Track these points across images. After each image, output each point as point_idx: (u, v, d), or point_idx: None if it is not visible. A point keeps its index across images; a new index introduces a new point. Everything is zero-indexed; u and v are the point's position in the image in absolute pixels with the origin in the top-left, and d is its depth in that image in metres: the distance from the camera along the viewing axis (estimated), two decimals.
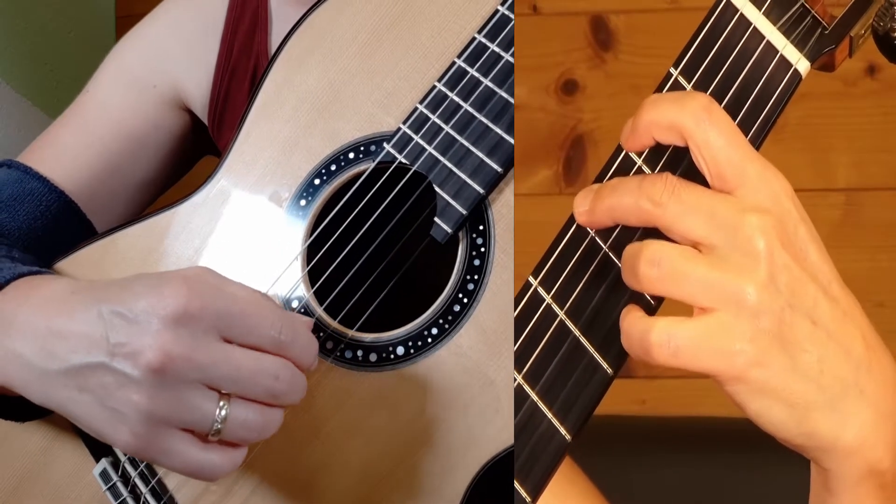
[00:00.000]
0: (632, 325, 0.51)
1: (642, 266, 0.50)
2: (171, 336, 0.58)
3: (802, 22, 0.54)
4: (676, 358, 0.49)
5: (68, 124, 0.95)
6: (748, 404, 0.50)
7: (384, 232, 0.73)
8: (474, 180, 0.69)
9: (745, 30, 0.55)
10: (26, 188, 0.89)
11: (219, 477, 0.62)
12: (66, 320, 0.62)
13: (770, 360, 0.49)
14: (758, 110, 0.54)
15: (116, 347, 0.59)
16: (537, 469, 0.53)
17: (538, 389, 0.54)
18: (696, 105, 0.51)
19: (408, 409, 0.69)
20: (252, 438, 0.62)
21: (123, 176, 0.94)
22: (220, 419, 0.60)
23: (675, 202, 0.50)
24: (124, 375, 0.59)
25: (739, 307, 0.49)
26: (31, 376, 0.63)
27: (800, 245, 0.50)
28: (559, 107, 1.66)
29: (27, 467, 0.76)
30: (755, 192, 0.50)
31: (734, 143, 0.50)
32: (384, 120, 0.74)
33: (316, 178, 0.74)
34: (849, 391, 0.51)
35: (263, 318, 0.61)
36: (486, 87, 0.71)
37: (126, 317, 0.60)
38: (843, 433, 0.51)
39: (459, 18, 0.73)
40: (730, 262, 0.49)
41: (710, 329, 0.49)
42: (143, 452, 0.61)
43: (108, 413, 0.60)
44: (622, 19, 1.65)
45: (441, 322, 0.69)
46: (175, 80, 0.96)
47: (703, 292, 0.49)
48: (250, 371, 0.60)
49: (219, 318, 0.60)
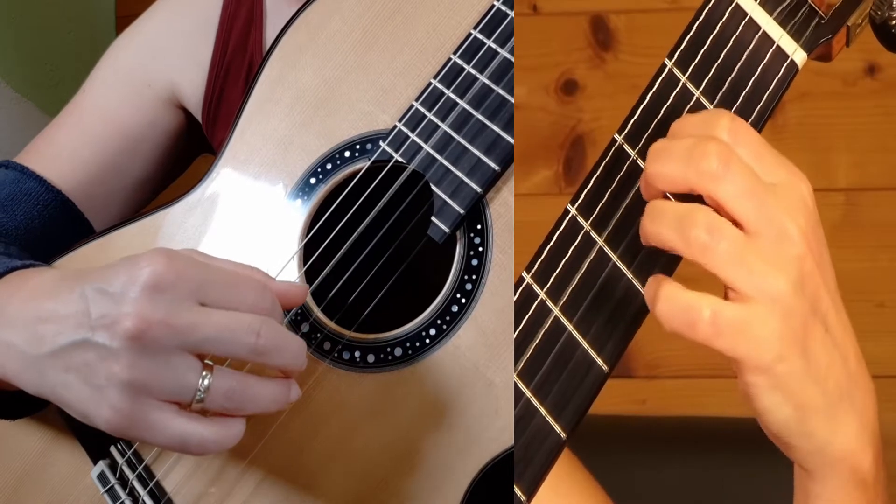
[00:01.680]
0: (673, 296, 0.50)
1: (697, 231, 0.49)
2: (148, 303, 0.58)
3: (799, 12, 0.54)
4: (718, 337, 0.49)
5: (65, 124, 0.95)
6: (760, 397, 0.51)
7: (381, 231, 0.72)
8: (472, 179, 0.69)
9: (740, 20, 0.54)
10: (23, 188, 0.89)
11: (209, 451, 0.61)
12: (52, 304, 0.62)
13: (793, 359, 0.50)
14: (754, 101, 0.54)
15: (97, 321, 0.59)
16: (532, 467, 0.53)
17: (532, 387, 0.54)
18: (722, 127, 0.51)
19: (406, 410, 0.69)
20: (237, 409, 0.61)
21: (120, 175, 0.95)
22: (203, 388, 0.59)
23: (730, 181, 0.49)
24: (104, 348, 0.59)
25: (775, 303, 0.49)
26: (23, 365, 0.63)
27: (820, 251, 0.52)
28: (559, 107, 1.66)
29: (25, 469, 0.76)
30: (788, 194, 0.51)
31: (761, 151, 0.51)
32: (380, 117, 0.73)
33: (312, 176, 0.74)
34: (843, 399, 0.53)
35: (242, 285, 0.61)
36: (483, 83, 0.70)
37: (106, 291, 0.60)
38: (833, 438, 0.53)
39: (455, 14, 0.73)
40: (770, 256, 0.50)
41: (752, 318, 0.49)
42: (126, 430, 0.60)
43: (91, 391, 0.60)
44: (622, 19, 1.65)
45: (439, 322, 0.69)
46: (170, 79, 0.96)
47: (748, 280, 0.49)
48: (229, 328, 0.59)
49: (197, 286, 0.60)
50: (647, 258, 0.54)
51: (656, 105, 0.55)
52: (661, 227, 0.51)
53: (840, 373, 0.52)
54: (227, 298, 0.60)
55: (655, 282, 0.51)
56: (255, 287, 0.62)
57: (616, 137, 0.55)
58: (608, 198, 0.55)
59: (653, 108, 0.55)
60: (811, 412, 0.52)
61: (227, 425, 0.61)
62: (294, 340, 0.62)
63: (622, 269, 0.54)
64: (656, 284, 0.51)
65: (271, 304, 0.62)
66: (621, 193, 0.55)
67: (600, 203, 0.55)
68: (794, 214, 0.50)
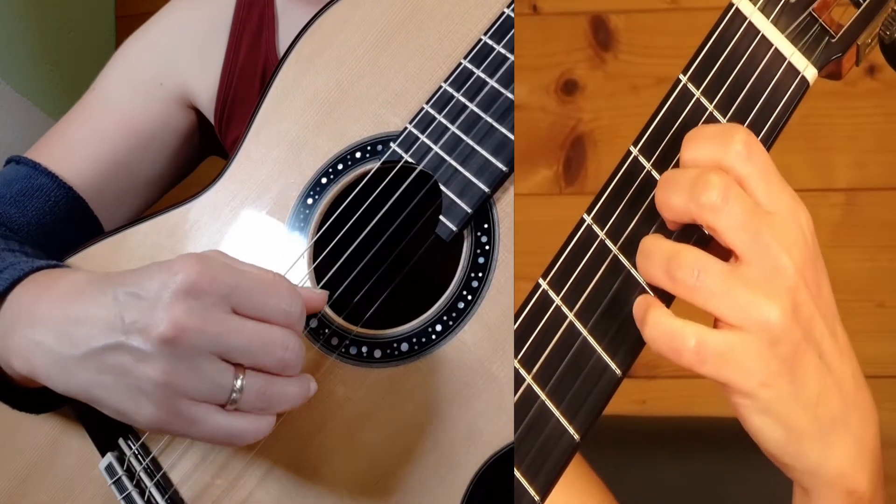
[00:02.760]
0: (660, 322, 0.52)
1: (682, 272, 0.51)
2: (183, 308, 0.59)
3: (810, 30, 0.55)
4: (702, 364, 0.51)
5: (76, 121, 0.95)
6: (749, 418, 0.53)
7: (390, 230, 0.73)
8: (479, 179, 0.70)
9: (753, 37, 0.55)
10: (35, 184, 0.89)
11: (248, 442, 0.63)
12: (83, 307, 0.63)
13: (779, 385, 0.51)
14: (765, 117, 0.55)
15: (130, 325, 0.60)
16: (546, 468, 0.54)
17: (547, 390, 0.55)
18: (738, 141, 0.52)
19: (412, 404, 0.69)
20: (268, 409, 0.63)
21: (130, 172, 0.95)
22: (237, 389, 0.61)
23: (728, 214, 0.51)
24: (139, 352, 0.60)
25: (763, 331, 0.51)
26: (53, 364, 0.64)
27: (817, 281, 0.53)
28: (559, 107, 1.66)
29: (35, 460, 0.77)
30: (786, 224, 0.52)
31: (770, 173, 0.52)
32: (391, 120, 0.74)
33: (323, 177, 0.75)
34: (837, 424, 0.54)
35: (274, 292, 0.62)
36: (492, 87, 0.71)
37: (139, 296, 0.61)
38: (825, 461, 0.54)
39: (467, 21, 0.74)
40: (761, 286, 0.51)
41: (736, 346, 0.51)
42: (169, 425, 0.61)
43: (129, 392, 0.61)
44: (622, 19, 1.65)
45: (445, 319, 0.70)
46: (182, 79, 0.97)
47: (734, 311, 0.51)
48: (262, 341, 0.61)
49: (230, 292, 0.60)
50: None
51: (671, 118, 0.56)
52: (650, 268, 0.53)
53: (833, 398, 0.53)
54: (260, 306, 0.62)
55: (644, 304, 0.53)
56: (287, 296, 0.63)
57: (631, 149, 0.56)
58: (623, 208, 0.56)
59: (667, 122, 0.56)
60: (801, 436, 0.53)
61: (264, 418, 0.63)
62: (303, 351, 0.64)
63: (636, 277, 0.55)
64: (645, 307, 0.53)
65: (300, 313, 0.63)
66: (636, 204, 0.56)
67: (615, 213, 0.56)
68: (790, 247, 0.51)
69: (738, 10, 0.56)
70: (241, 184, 0.77)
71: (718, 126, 0.54)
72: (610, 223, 0.56)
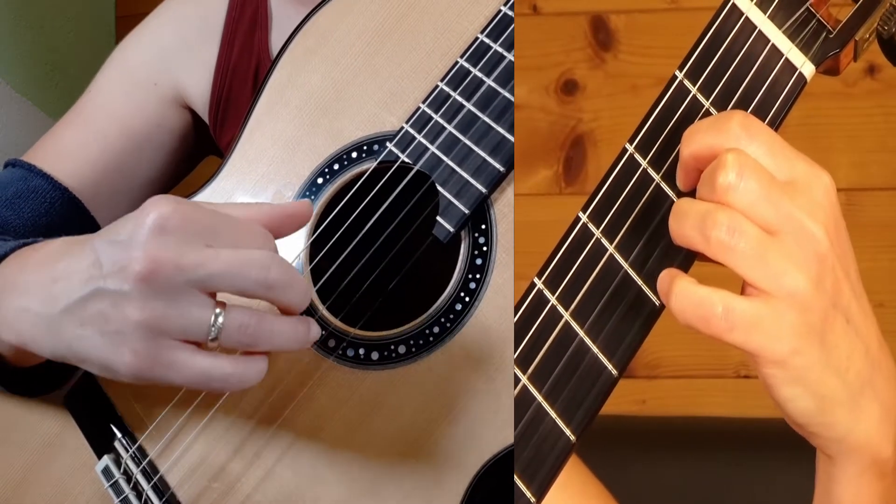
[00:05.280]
0: (686, 290, 0.51)
1: (717, 231, 0.50)
2: (156, 243, 0.58)
3: (807, 26, 0.55)
4: (730, 332, 0.50)
5: (72, 123, 0.96)
6: (779, 388, 0.52)
7: (387, 231, 0.73)
8: (476, 179, 0.70)
9: (749, 33, 0.55)
10: (30, 185, 0.89)
11: (232, 388, 0.61)
12: (64, 265, 0.63)
13: (810, 352, 0.51)
14: (762, 113, 0.54)
15: (108, 269, 0.59)
16: (542, 470, 0.54)
17: (544, 391, 0.55)
18: (735, 123, 0.52)
19: (409, 407, 0.69)
20: (254, 345, 0.61)
21: (127, 174, 0.95)
22: (217, 324, 0.59)
23: (744, 191, 0.50)
24: (117, 293, 0.59)
25: (793, 298, 0.50)
26: (39, 327, 0.64)
27: (841, 244, 0.52)
28: (559, 107, 1.66)
29: (32, 462, 0.77)
30: (807, 191, 0.51)
31: (776, 145, 0.52)
32: (387, 119, 0.74)
33: (319, 177, 0.74)
34: (865, 388, 0.53)
35: (248, 230, 0.61)
36: (489, 86, 0.71)
37: (114, 241, 0.60)
38: (855, 426, 0.54)
39: (463, 19, 0.73)
40: (791, 254, 0.50)
41: (766, 313, 0.50)
42: (148, 371, 0.60)
43: (109, 340, 0.60)
44: (622, 19, 1.65)
45: (443, 321, 0.69)
46: (176, 79, 0.97)
47: (765, 276, 0.50)
48: (239, 263, 0.59)
49: (203, 228, 0.60)
50: (657, 265, 0.54)
51: (667, 115, 0.56)
52: (683, 227, 0.52)
53: (862, 362, 0.53)
54: (234, 240, 0.60)
55: (669, 276, 0.52)
56: (260, 233, 0.61)
57: (627, 147, 0.56)
58: (619, 206, 0.56)
59: (664, 119, 0.56)
60: (832, 403, 0.53)
61: (249, 361, 0.61)
62: (301, 278, 0.62)
63: (632, 276, 0.55)
64: (670, 279, 0.52)
65: (274, 249, 0.62)
66: (632, 202, 0.55)
67: (611, 211, 0.56)
68: (815, 212, 0.51)
69: (734, 6, 0.55)
70: (236, 184, 0.77)
71: (713, 116, 0.54)
72: (605, 221, 0.56)
